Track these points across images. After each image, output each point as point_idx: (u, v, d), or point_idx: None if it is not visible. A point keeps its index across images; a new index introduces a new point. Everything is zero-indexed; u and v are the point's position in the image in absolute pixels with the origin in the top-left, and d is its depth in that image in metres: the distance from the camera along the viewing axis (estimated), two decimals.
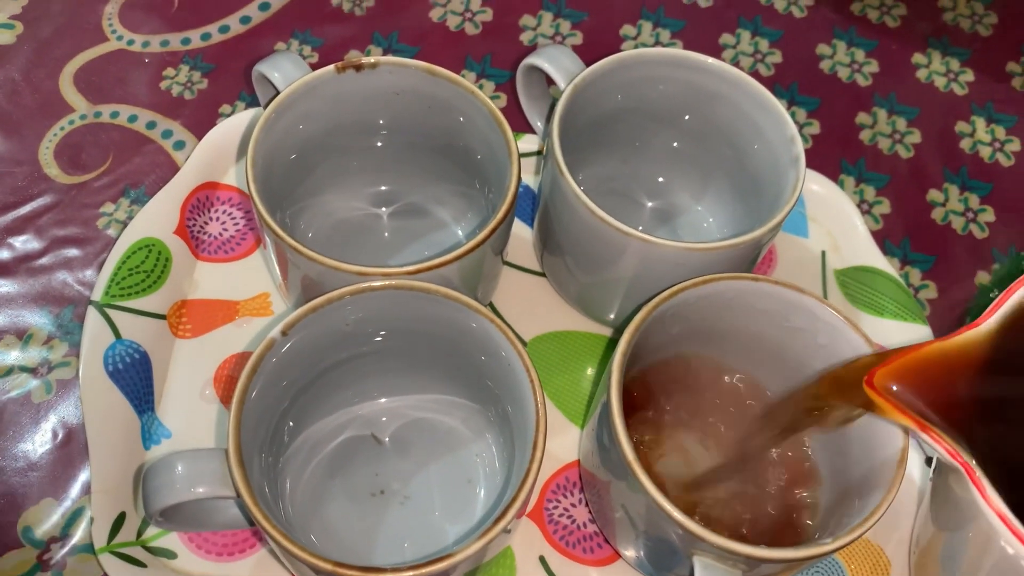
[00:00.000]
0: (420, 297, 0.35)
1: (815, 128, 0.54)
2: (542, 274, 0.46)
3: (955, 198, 0.51)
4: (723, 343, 0.39)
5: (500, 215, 0.37)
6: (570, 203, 0.38)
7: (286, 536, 0.30)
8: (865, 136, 0.54)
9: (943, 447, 0.30)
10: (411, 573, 0.30)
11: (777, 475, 0.38)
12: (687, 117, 0.43)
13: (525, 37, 0.56)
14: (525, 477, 0.31)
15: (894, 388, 0.30)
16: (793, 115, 0.52)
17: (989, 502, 0.30)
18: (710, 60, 0.41)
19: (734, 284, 0.37)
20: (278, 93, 0.40)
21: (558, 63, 0.42)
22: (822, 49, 0.57)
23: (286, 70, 0.41)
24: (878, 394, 0.31)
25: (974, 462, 0.30)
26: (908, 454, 0.33)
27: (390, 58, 0.40)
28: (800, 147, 0.39)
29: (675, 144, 0.45)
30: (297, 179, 0.42)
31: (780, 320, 0.38)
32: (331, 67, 0.40)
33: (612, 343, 0.44)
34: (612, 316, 0.43)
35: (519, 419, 0.35)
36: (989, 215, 0.51)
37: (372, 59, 0.40)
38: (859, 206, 0.50)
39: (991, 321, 0.32)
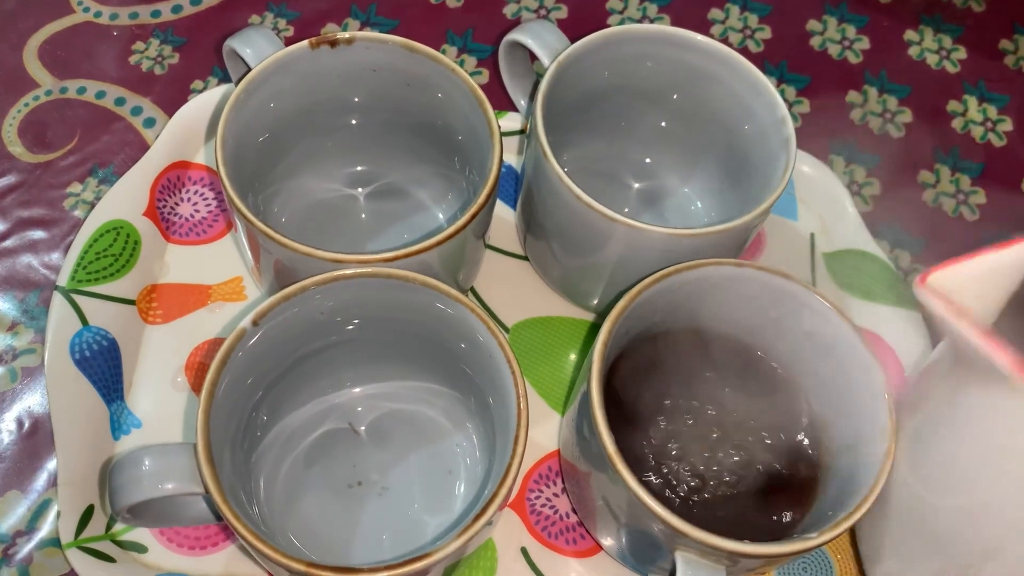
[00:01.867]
0: (397, 285, 0.34)
1: (804, 107, 0.52)
2: (525, 258, 0.45)
3: (946, 179, 0.50)
4: (707, 329, 0.38)
5: (482, 198, 0.35)
6: (554, 187, 0.37)
7: (256, 535, 0.29)
8: (856, 115, 0.52)
9: (1007, 358, 0.27)
10: (387, 574, 0.29)
11: (767, 455, 0.37)
12: (676, 96, 0.42)
13: (508, 10, 0.54)
14: (506, 472, 0.30)
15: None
16: (782, 93, 0.51)
17: None
18: (700, 38, 0.39)
19: (718, 270, 0.36)
20: (250, 70, 0.38)
21: (542, 39, 0.41)
22: (812, 25, 0.55)
23: (258, 45, 0.39)
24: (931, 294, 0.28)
25: None
26: (893, 452, 0.32)
27: (367, 33, 0.39)
28: (791, 129, 0.38)
29: (663, 124, 0.43)
30: (270, 160, 0.40)
31: (766, 306, 0.37)
32: (305, 43, 0.38)
33: (595, 329, 0.43)
34: (596, 301, 0.42)
35: (500, 410, 0.34)
36: (980, 197, 0.50)
37: (348, 34, 0.38)
38: (848, 187, 0.49)
39: None
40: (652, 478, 0.36)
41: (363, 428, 0.39)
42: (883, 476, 0.32)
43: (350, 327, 0.36)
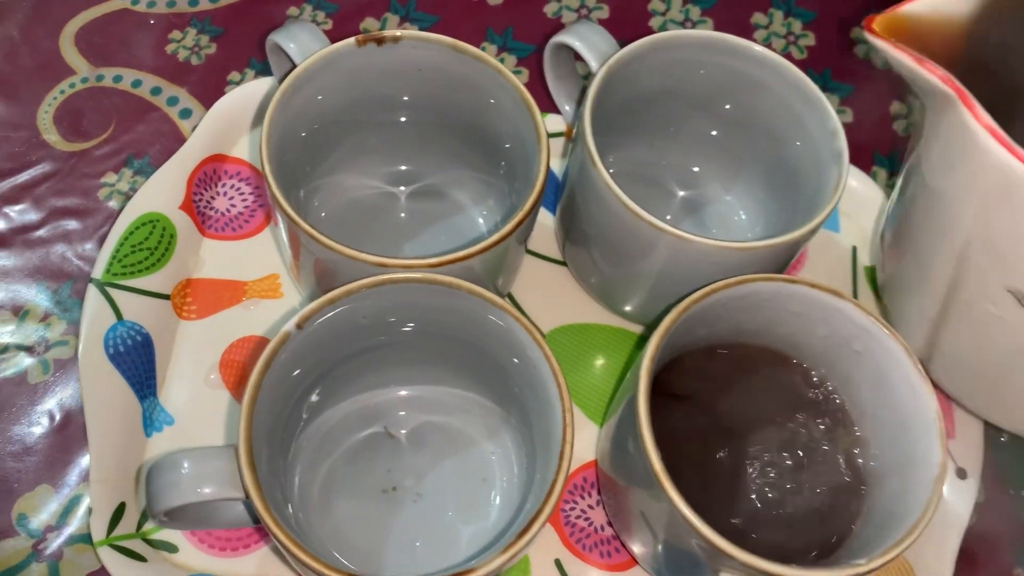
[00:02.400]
0: (443, 291, 0.33)
1: (847, 116, 0.51)
2: (563, 263, 0.44)
3: None
4: (752, 344, 0.38)
5: (528, 204, 0.35)
6: (600, 193, 0.36)
7: (299, 545, 0.28)
8: (899, 126, 0.51)
9: (937, 75, 0.31)
10: None
11: (810, 475, 0.36)
12: (727, 105, 0.41)
13: (549, 9, 0.53)
14: (551, 488, 0.30)
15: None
16: None
17: (979, 119, 0.30)
18: (754, 46, 0.39)
19: (770, 286, 0.35)
20: (293, 65, 0.38)
21: (590, 42, 0.40)
22: (857, 33, 0.55)
23: (303, 41, 0.38)
24: (876, 35, 0.32)
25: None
26: (946, 472, 0.32)
27: (413, 32, 0.38)
28: (843, 142, 0.37)
29: (712, 132, 0.43)
30: (312, 156, 0.40)
31: (815, 324, 0.36)
32: (351, 40, 0.37)
33: (633, 337, 0.43)
34: (635, 310, 0.42)
35: (542, 422, 0.33)
36: None
37: (394, 33, 0.38)
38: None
39: None
40: (694, 495, 0.35)
41: (399, 433, 0.38)
42: (933, 503, 0.31)
43: (391, 331, 0.36)
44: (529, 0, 0.53)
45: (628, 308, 0.42)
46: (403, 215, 0.43)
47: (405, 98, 0.40)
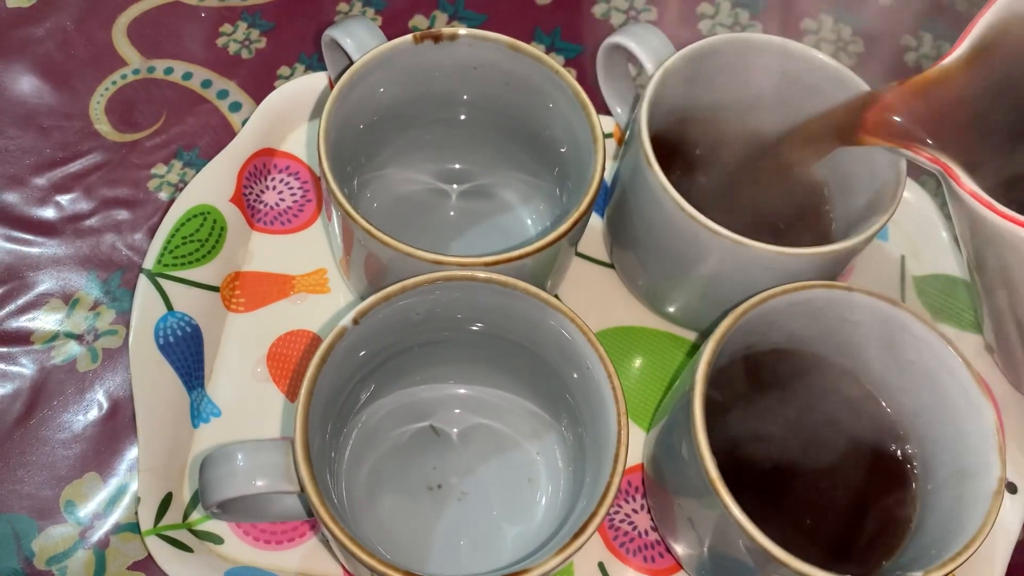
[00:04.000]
0: (498, 291, 0.33)
1: None
2: (610, 266, 0.44)
3: None
4: (804, 351, 0.37)
5: (583, 205, 0.35)
6: (655, 196, 0.36)
7: (354, 540, 0.28)
8: None
9: (924, 156, 0.33)
10: None
11: (862, 483, 0.36)
12: (785, 111, 0.41)
13: (598, 10, 0.53)
14: (606, 491, 0.30)
15: (894, 119, 0.34)
16: None
17: (963, 186, 0.31)
18: (818, 54, 0.38)
19: (826, 293, 0.35)
20: (350, 60, 0.38)
21: (646, 44, 0.40)
22: (907, 40, 0.54)
23: (360, 37, 0.38)
24: (872, 135, 0.34)
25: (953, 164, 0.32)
26: (1003, 492, 0.31)
27: (471, 30, 0.38)
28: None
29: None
30: (366, 151, 0.40)
31: (870, 333, 0.36)
32: (409, 37, 0.37)
33: (680, 341, 0.42)
34: (684, 314, 0.41)
35: (593, 424, 0.33)
36: None
37: (452, 30, 0.38)
38: (942, 209, 0.47)
39: (964, 48, 0.34)
40: (745, 502, 0.35)
41: (446, 430, 0.38)
42: (992, 516, 0.31)
43: (443, 329, 0.35)
44: (578, 0, 0.53)
45: (676, 312, 0.41)
46: (452, 213, 0.43)
47: (460, 96, 0.40)
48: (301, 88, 0.46)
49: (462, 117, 0.41)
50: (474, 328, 0.36)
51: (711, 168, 0.40)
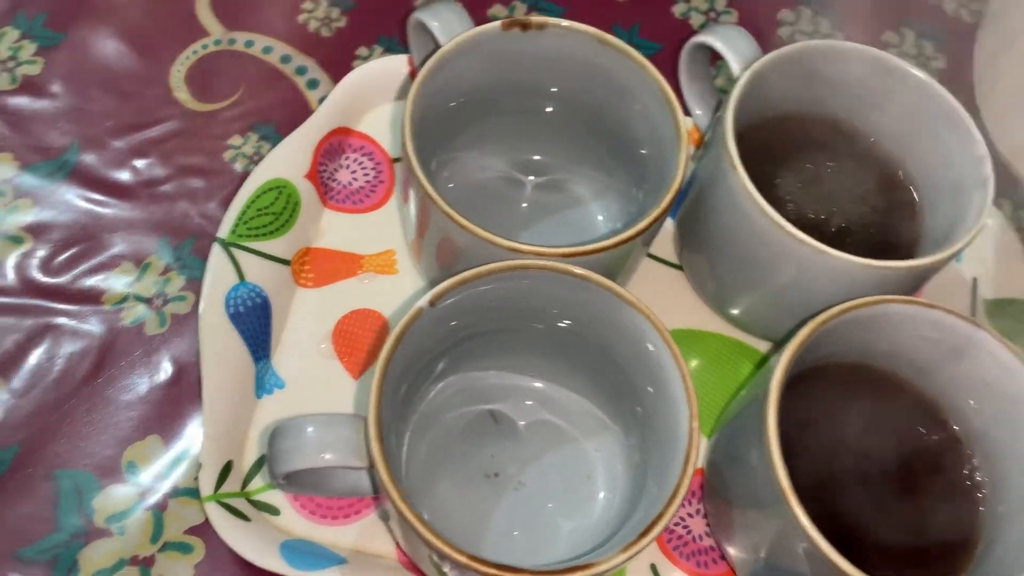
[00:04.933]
0: (573, 283, 0.33)
1: None
2: (679, 267, 0.43)
3: None
4: (876, 367, 0.37)
5: (664, 204, 0.34)
6: (737, 200, 0.35)
7: (422, 521, 0.28)
8: None
9: None
10: None
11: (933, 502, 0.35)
12: (865, 121, 0.40)
13: (677, 10, 0.53)
14: (674, 492, 0.29)
15: None
16: None
17: None
18: (914, 69, 0.38)
19: (907, 309, 0.34)
20: (436, 43, 0.38)
21: (735, 45, 0.39)
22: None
23: (448, 21, 0.38)
24: None
25: None
26: None
27: (559, 20, 0.38)
28: (990, 168, 0.36)
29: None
30: (446, 135, 0.40)
31: (944, 350, 0.35)
32: (496, 24, 0.37)
33: (745, 347, 0.42)
34: (753, 320, 0.41)
35: (660, 424, 0.33)
36: None
37: (541, 19, 0.38)
38: (1018, 233, 0.46)
39: None
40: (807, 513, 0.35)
41: (506, 418, 0.38)
42: None
43: (513, 318, 0.35)
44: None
45: (744, 317, 0.41)
46: (525, 205, 0.43)
47: (543, 87, 0.40)
48: (380, 69, 0.46)
49: (546, 108, 0.41)
50: (543, 320, 0.35)
51: (793, 174, 0.39)
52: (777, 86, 0.39)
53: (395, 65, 0.46)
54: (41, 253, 0.42)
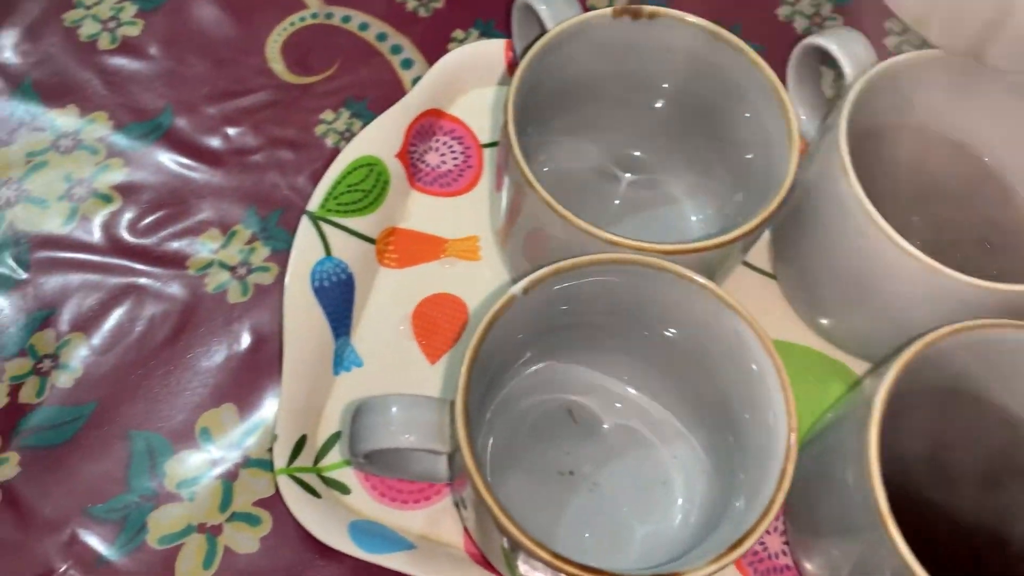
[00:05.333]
0: (672, 281, 0.32)
1: None
2: (772, 276, 0.42)
3: None
4: (983, 396, 0.35)
5: (771, 208, 0.33)
6: (847, 212, 0.34)
7: (504, 512, 0.28)
8: None
9: None
10: None
11: None
12: (979, 138, 0.38)
13: (782, 12, 0.51)
14: (770, 505, 0.28)
15: None
16: None
17: None
18: None
19: (1020, 335, 0.32)
20: (543, 28, 0.37)
21: (850, 49, 0.38)
22: None
23: (556, 5, 0.37)
24: None
25: None
26: None
27: (671, 11, 0.37)
28: None
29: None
30: (546, 121, 0.39)
31: None
32: (607, 10, 0.36)
33: (835, 364, 0.40)
34: (847, 335, 0.39)
35: (752, 434, 0.32)
36: None
37: (653, 8, 0.37)
38: None
39: None
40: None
41: (585, 416, 0.37)
42: None
43: (604, 314, 0.34)
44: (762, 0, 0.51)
45: (839, 332, 0.40)
46: (617, 201, 0.42)
47: (650, 80, 0.39)
48: (476, 53, 0.45)
49: (653, 103, 0.40)
50: (636, 318, 0.34)
51: (902, 188, 0.38)
52: (893, 94, 0.37)
53: (491, 49, 0.46)
54: (129, 214, 0.42)
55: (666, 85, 0.39)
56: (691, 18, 0.37)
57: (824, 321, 0.40)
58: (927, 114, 0.39)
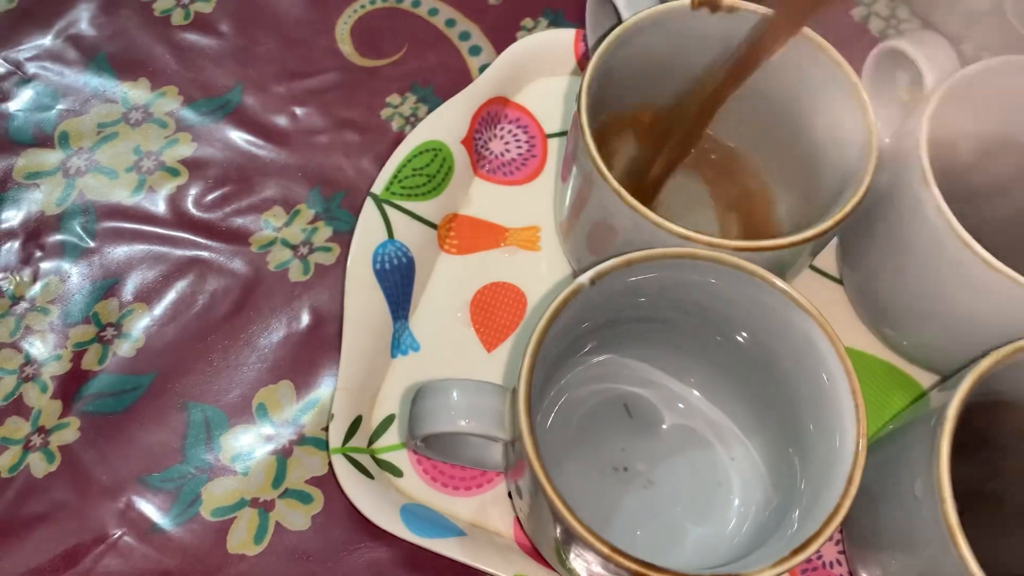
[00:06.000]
0: (743, 279, 0.31)
1: None
2: (838, 281, 0.41)
3: None
4: None
5: (847, 209, 0.32)
6: (925, 220, 0.33)
7: (564, 502, 0.27)
8: None
9: None
10: None
11: None
12: None
13: (857, 12, 0.50)
14: (835, 512, 0.28)
15: None
16: None
17: None
18: None
19: None
20: (619, 17, 0.36)
21: (931, 54, 0.37)
22: None
23: None
24: None
25: None
26: None
27: (750, 4, 0.36)
28: None
29: None
30: (619, 113, 0.38)
31: None
32: (685, 2, 0.36)
33: (898, 373, 0.40)
34: (913, 346, 0.39)
35: (816, 439, 0.31)
36: None
37: (731, 2, 0.36)
38: None
39: None
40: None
41: (641, 413, 0.37)
42: None
43: (670, 309, 0.34)
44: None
45: (906, 341, 0.39)
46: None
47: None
48: (544, 42, 0.45)
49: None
50: (703, 315, 0.34)
51: (980, 197, 0.37)
52: (973, 102, 0.36)
53: (560, 39, 0.45)
54: (195, 188, 0.43)
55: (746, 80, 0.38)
56: (770, 12, 0.36)
57: (890, 329, 0.39)
58: (1009, 122, 0.38)
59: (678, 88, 0.38)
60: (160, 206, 0.42)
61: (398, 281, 0.39)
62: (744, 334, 0.33)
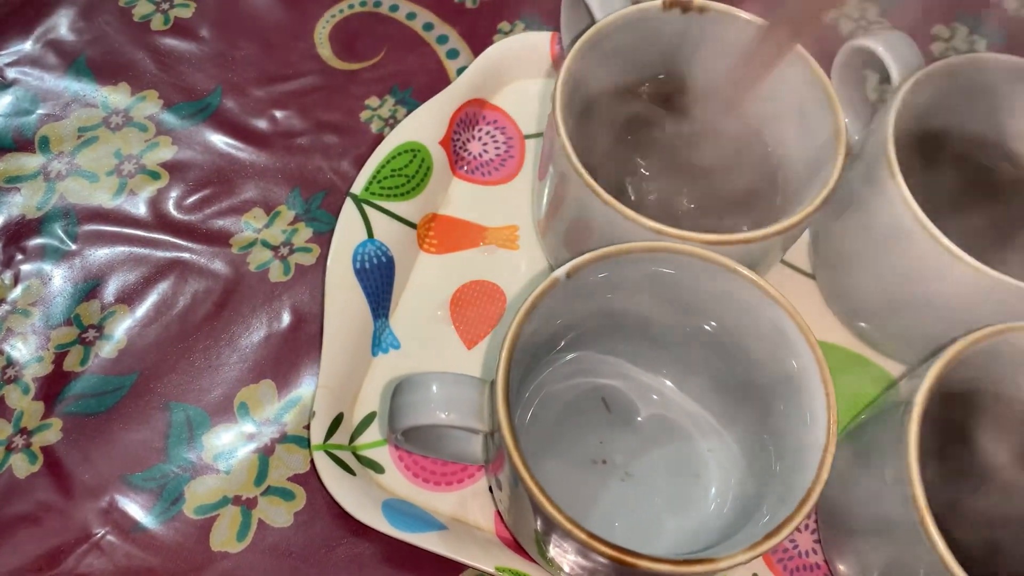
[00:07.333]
0: (715, 271, 0.32)
1: None
2: (810, 276, 0.42)
3: None
4: (1013, 396, 0.35)
5: (817, 203, 0.33)
6: (893, 214, 0.34)
7: (543, 492, 0.28)
8: None
9: None
10: (670, 567, 0.27)
11: None
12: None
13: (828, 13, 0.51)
14: (807, 496, 0.28)
15: None
16: None
17: None
18: None
19: None
20: (592, 19, 0.37)
21: (897, 51, 0.38)
22: None
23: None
24: None
25: None
26: None
27: (721, 5, 0.37)
28: None
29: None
30: (593, 113, 0.39)
31: None
32: (657, 2, 0.37)
33: (868, 363, 0.40)
34: (884, 337, 0.39)
35: (788, 429, 0.32)
36: None
37: (702, 2, 0.37)
38: None
39: None
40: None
41: (619, 407, 0.37)
42: None
43: (643, 303, 0.34)
44: None
45: (878, 333, 0.39)
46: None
47: (689, 71, 0.39)
48: (521, 45, 0.46)
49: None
50: (675, 309, 0.34)
51: (946, 190, 0.38)
52: (940, 98, 0.37)
53: (536, 42, 0.46)
54: (176, 191, 0.43)
55: (711, 78, 0.39)
56: (741, 13, 0.37)
57: (863, 322, 0.40)
58: (973, 118, 0.39)
59: (652, 89, 0.39)
60: (141, 209, 0.43)
61: (378, 280, 0.39)
62: (717, 326, 0.34)
